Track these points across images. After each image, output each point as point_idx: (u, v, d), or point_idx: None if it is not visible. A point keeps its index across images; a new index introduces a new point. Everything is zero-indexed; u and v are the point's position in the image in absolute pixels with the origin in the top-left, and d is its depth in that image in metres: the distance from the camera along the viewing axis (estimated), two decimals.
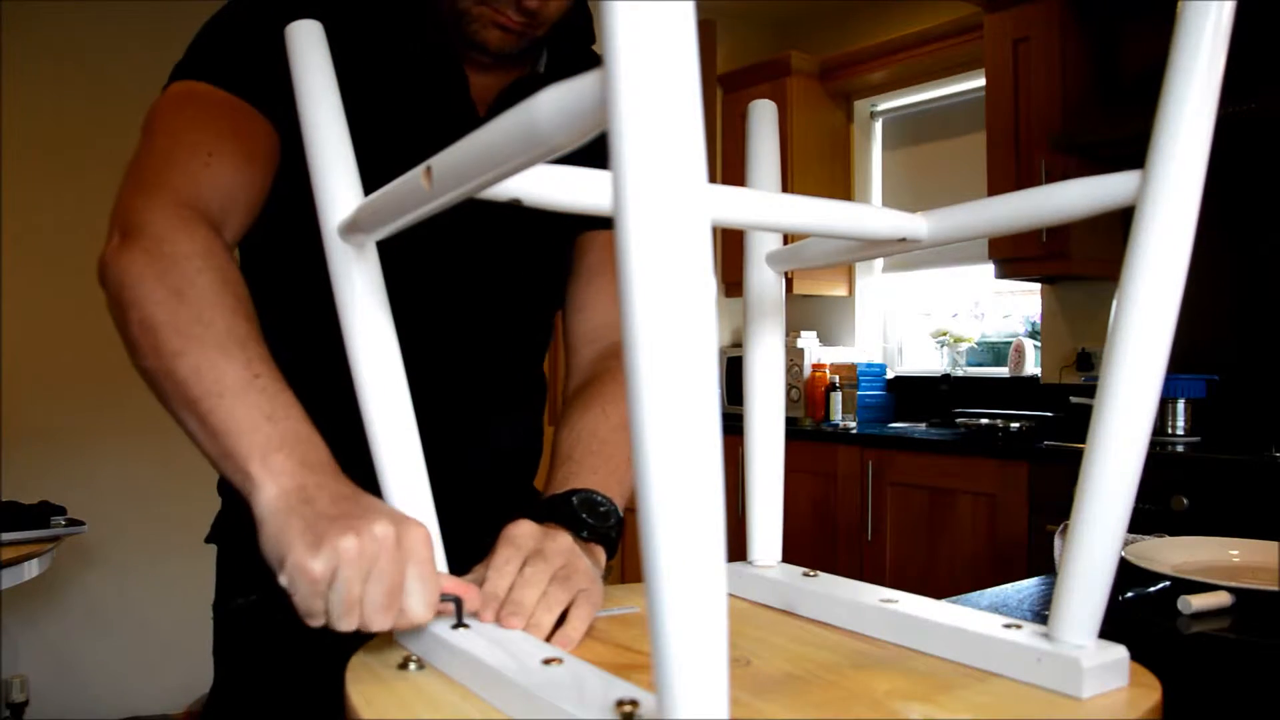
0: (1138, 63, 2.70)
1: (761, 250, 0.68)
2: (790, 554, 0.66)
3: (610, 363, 0.87)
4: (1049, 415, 2.78)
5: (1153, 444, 1.27)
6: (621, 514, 0.74)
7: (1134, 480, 0.48)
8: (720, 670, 0.33)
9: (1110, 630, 0.50)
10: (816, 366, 3.37)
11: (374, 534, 0.53)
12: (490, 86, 0.87)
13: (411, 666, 0.53)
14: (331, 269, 0.60)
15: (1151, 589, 1.00)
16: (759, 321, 0.68)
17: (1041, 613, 0.96)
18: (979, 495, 2.59)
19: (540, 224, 0.74)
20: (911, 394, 3.44)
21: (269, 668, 0.87)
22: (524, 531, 0.64)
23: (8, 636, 2.74)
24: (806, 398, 3.35)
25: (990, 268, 2.91)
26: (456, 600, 0.56)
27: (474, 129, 0.84)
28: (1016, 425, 2.71)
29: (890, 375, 3.52)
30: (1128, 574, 1.01)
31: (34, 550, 1.85)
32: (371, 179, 0.65)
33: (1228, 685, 0.82)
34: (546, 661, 0.49)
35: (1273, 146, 2.48)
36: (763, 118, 0.67)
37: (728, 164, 3.62)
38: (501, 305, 0.92)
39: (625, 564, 3.44)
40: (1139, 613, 0.95)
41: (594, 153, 0.39)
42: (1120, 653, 0.49)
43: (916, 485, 2.75)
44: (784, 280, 0.69)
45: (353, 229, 0.58)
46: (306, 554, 0.52)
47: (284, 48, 0.77)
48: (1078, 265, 2.70)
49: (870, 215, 0.56)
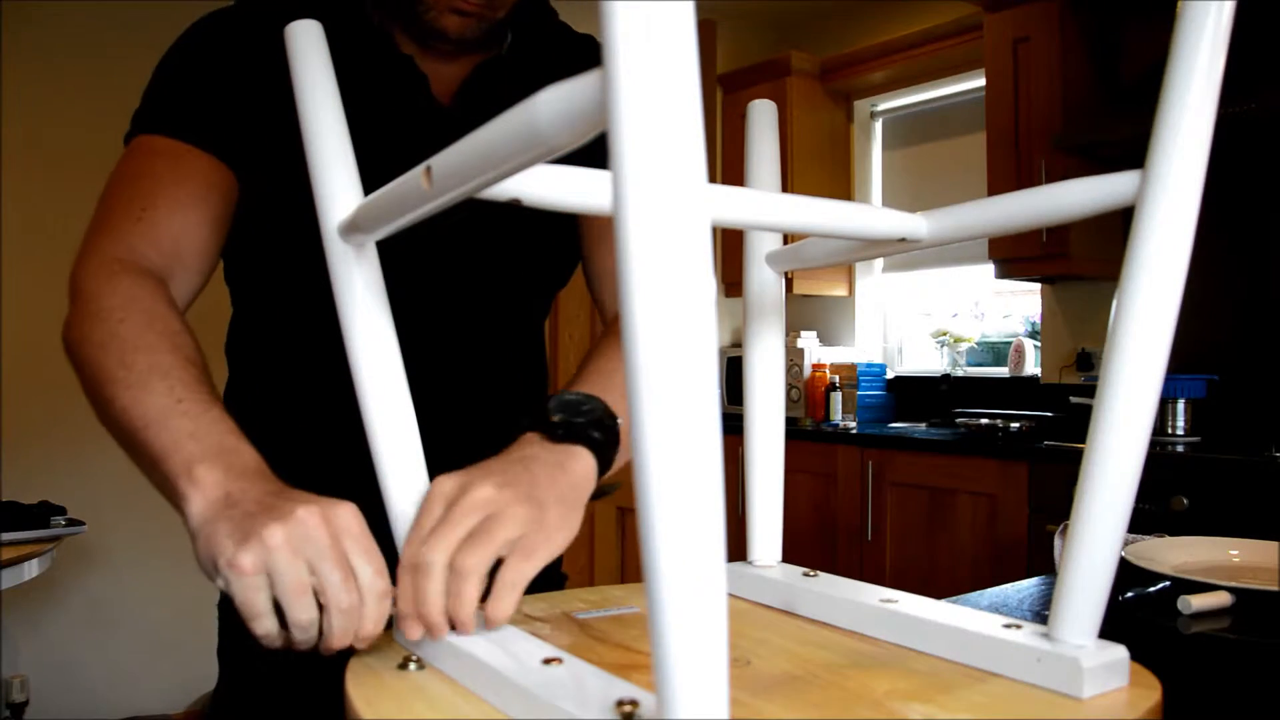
0: (1138, 63, 2.70)
1: (761, 250, 0.68)
2: (790, 554, 0.66)
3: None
4: (1049, 415, 2.78)
5: (1153, 444, 1.27)
6: (616, 420, 0.68)
7: (1134, 480, 0.48)
8: (720, 670, 0.33)
9: (1110, 630, 0.50)
10: (816, 366, 3.37)
11: (298, 517, 0.52)
12: (455, 75, 0.86)
13: (411, 666, 0.53)
14: (331, 269, 0.60)
15: (1151, 589, 1.00)
16: (759, 321, 0.68)
17: (1041, 613, 0.96)
18: (979, 495, 2.59)
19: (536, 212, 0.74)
20: (911, 394, 3.44)
21: (273, 666, 0.85)
22: (435, 491, 0.58)
23: (8, 636, 2.74)
24: (806, 398, 3.35)
25: (990, 268, 2.91)
26: None
27: (441, 121, 0.84)
28: (1016, 425, 2.71)
29: (890, 375, 3.52)
30: (1128, 574, 1.01)
31: (34, 550, 1.85)
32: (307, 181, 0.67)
33: (1228, 685, 0.82)
34: (546, 661, 0.49)
35: (1273, 146, 2.48)
36: (763, 118, 0.67)
37: (728, 164, 3.62)
38: (499, 297, 0.92)
39: (625, 564, 3.45)
40: (1139, 613, 0.95)
41: (593, 153, 0.39)
42: (1120, 653, 0.49)
43: (916, 485, 2.75)
44: (784, 280, 0.69)
45: (352, 229, 0.58)
46: (234, 550, 0.51)
47: (231, 80, 0.82)
48: (1078, 265, 2.70)
49: (870, 215, 0.56)
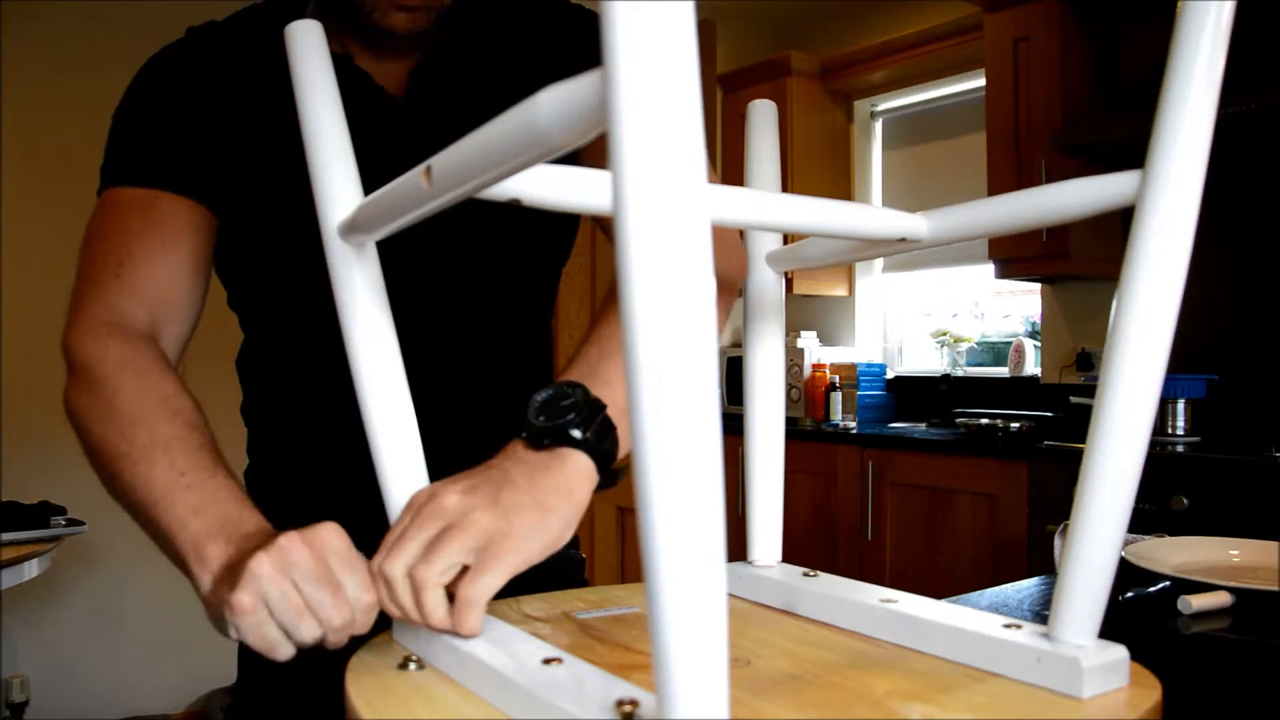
0: (1138, 63, 2.70)
1: (761, 250, 0.68)
2: (790, 554, 0.66)
3: None
4: (1049, 415, 2.78)
5: (1153, 444, 1.27)
6: (601, 408, 0.64)
7: (1134, 480, 0.48)
8: (720, 670, 0.33)
9: (1110, 630, 0.50)
10: (816, 366, 3.37)
11: (279, 545, 0.54)
12: (400, 67, 0.84)
13: (411, 666, 0.53)
14: (331, 269, 0.60)
15: (1151, 589, 1.00)
16: (759, 321, 0.68)
17: (1041, 613, 0.96)
18: (979, 495, 2.59)
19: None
20: (911, 394, 3.44)
21: (290, 667, 0.86)
22: (409, 501, 0.58)
23: (8, 636, 2.74)
24: (806, 398, 3.35)
25: (990, 268, 2.91)
26: None
27: (395, 115, 0.84)
28: (1016, 425, 2.71)
29: (890, 375, 3.52)
30: (1128, 574, 1.01)
31: (34, 550, 1.85)
32: (303, 198, 0.64)
33: (1228, 685, 0.82)
34: (546, 661, 0.49)
35: (1273, 146, 2.48)
36: (762, 118, 0.67)
37: (728, 164, 3.62)
38: (495, 288, 0.90)
39: (625, 564, 3.45)
40: (1139, 613, 0.95)
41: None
42: (1120, 653, 0.49)
43: (916, 485, 2.75)
44: (784, 280, 0.69)
45: (352, 229, 0.58)
46: (230, 594, 0.54)
47: (188, 115, 0.82)
48: (1078, 265, 2.70)
49: (870, 215, 0.56)
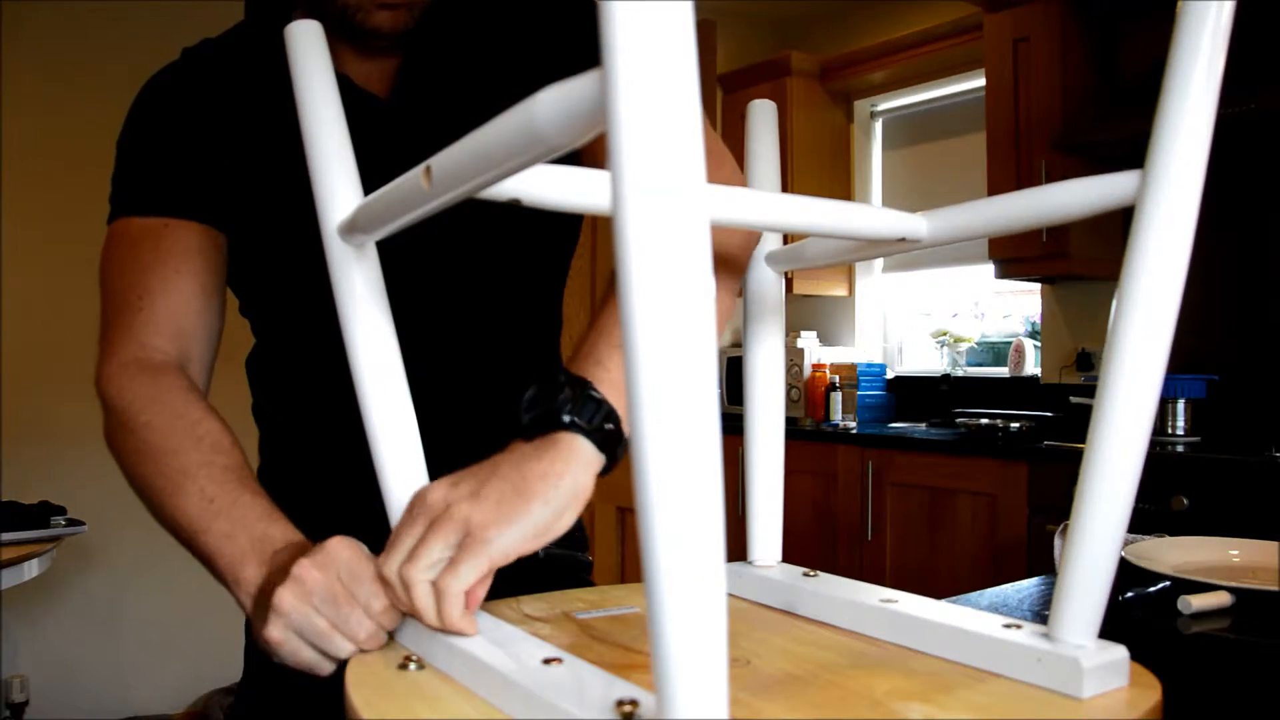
0: (1138, 63, 2.70)
1: (761, 250, 0.68)
2: (790, 554, 0.66)
3: None
4: (1049, 415, 2.78)
5: (1153, 444, 1.27)
6: (588, 387, 0.60)
7: (1134, 480, 0.48)
8: (720, 670, 0.33)
9: (1110, 630, 0.50)
10: (816, 366, 3.37)
11: (294, 576, 0.57)
12: (387, 67, 0.84)
13: (411, 666, 0.53)
14: (332, 269, 0.60)
15: (1151, 589, 1.00)
16: (759, 321, 0.68)
17: (1041, 613, 0.96)
18: (979, 495, 2.59)
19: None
20: (911, 394, 3.44)
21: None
22: (409, 502, 0.59)
23: (8, 636, 2.74)
24: (806, 398, 3.35)
25: (990, 268, 2.91)
26: None
27: (380, 117, 0.83)
28: (1016, 425, 2.71)
29: (890, 375, 3.52)
30: (1128, 574, 1.01)
31: (34, 550, 1.85)
32: (289, 199, 0.68)
33: (1228, 685, 0.82)
34: (546, 661, 0.49)
35: (1273, 146, 2.48)
36: (763, 118, 0.67)
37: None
38: (500, 296, 0.89)
39: (625, 564, 3.44)
40: (1139, 613, 0.95)
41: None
42: (1120, 653, 0.49)
43: (916, 485, 2.75)
44: (784, 280, 0.69)
45: (352, 229, 0.58)
46: (262, 629, 0.58)
47: (190, 138, 0.83)
48: (1078, 265, 2.70)
49: (870, 215, 0.56)
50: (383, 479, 0.60)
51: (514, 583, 0.63)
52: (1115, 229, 2.66)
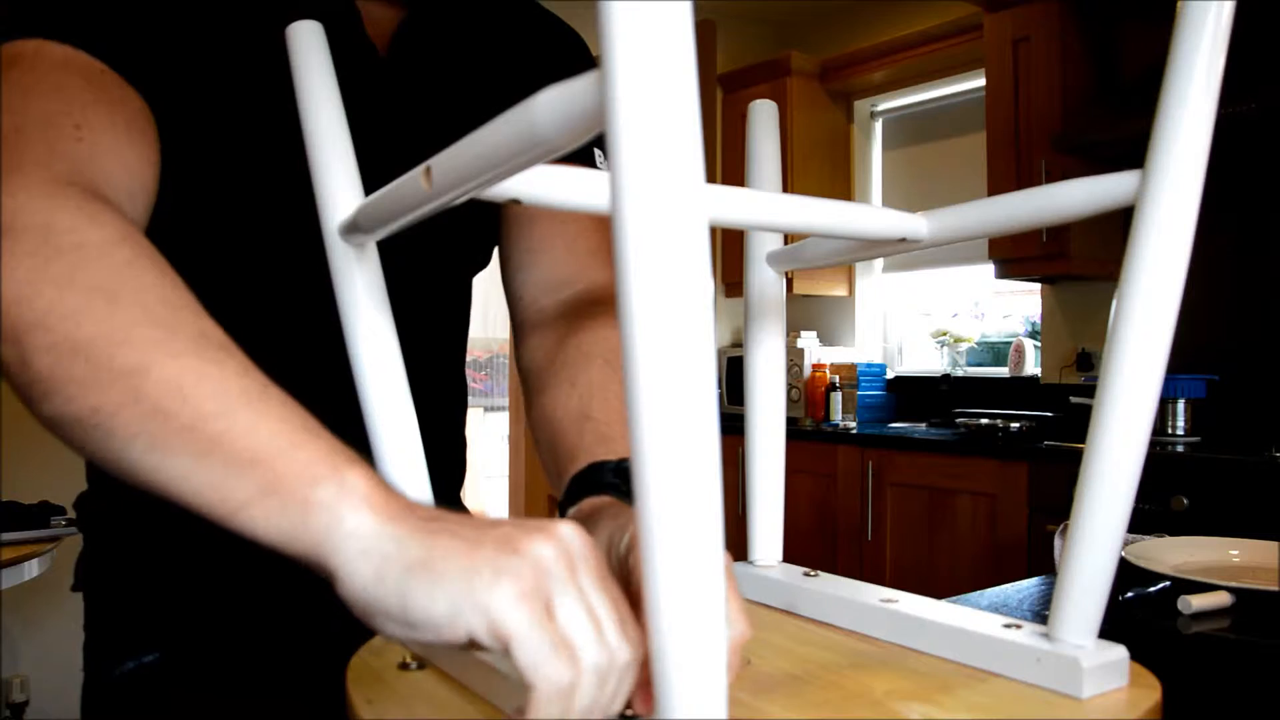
0: (1138, 63, 2.70)
1: (762, 250, 0.68)
2: (790, 554, 0.66)
3: (593, 310, 0.75)
4: (1049, 415, 2.78)
5: (1153, 444, 1.27)
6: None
7: (1134, 480, 0.48)
8: (719, 670, 0.33)
9: (1110, 630, 0.50)
10: (816, 366, 3.37)
11: (562, 535, 0.39)
12: (388, 20, 0.77)
13: (412, 666, 0.53)
14: (332, 269, 0.60)
15: (1151, 589, 1.00)
16: (759, 321, 0.68)
17: (1041, 613, 0.96)
18: (979, 495, 2.59)
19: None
20: (911, 394, 3.44)
21: (294, 661, 0.72)
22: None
23: (8, 636, 2.74)
24: (806, 398, 3.35)
25: (990, 268, 2.91)
26: None
27: (375, 69, 0.78)
28: (1016, 425, 2.71)
29: (890, 375, 3.53)
30: (1128, 574, 1.01)
31: (34, 550, 1.85)
32: (274, 131, 0.59)
33: (1228, 685, 0.82)
34: None
35: (1273, 146, 2.48)
36: (763, 118, 0.67)
37: (728, 164, 3.62)
38: (422, 291, 0.81)
39: None
40: (1139, 613, 0.95)
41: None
42: (1120, 653, 0.49)
43: (916, 485, 2.75)
44: (784, 280, 0.69)
45: (353, 229, 0.58)
46: (489, 588, 0.37)
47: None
48: (1078, 265, 2.70)
49: (870, 215, 0.56)
50: (383, 478, 0.60)
51: None
52: (1115, 229, 2.66)
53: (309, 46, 0.63)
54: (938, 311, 3.53)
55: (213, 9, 0.67)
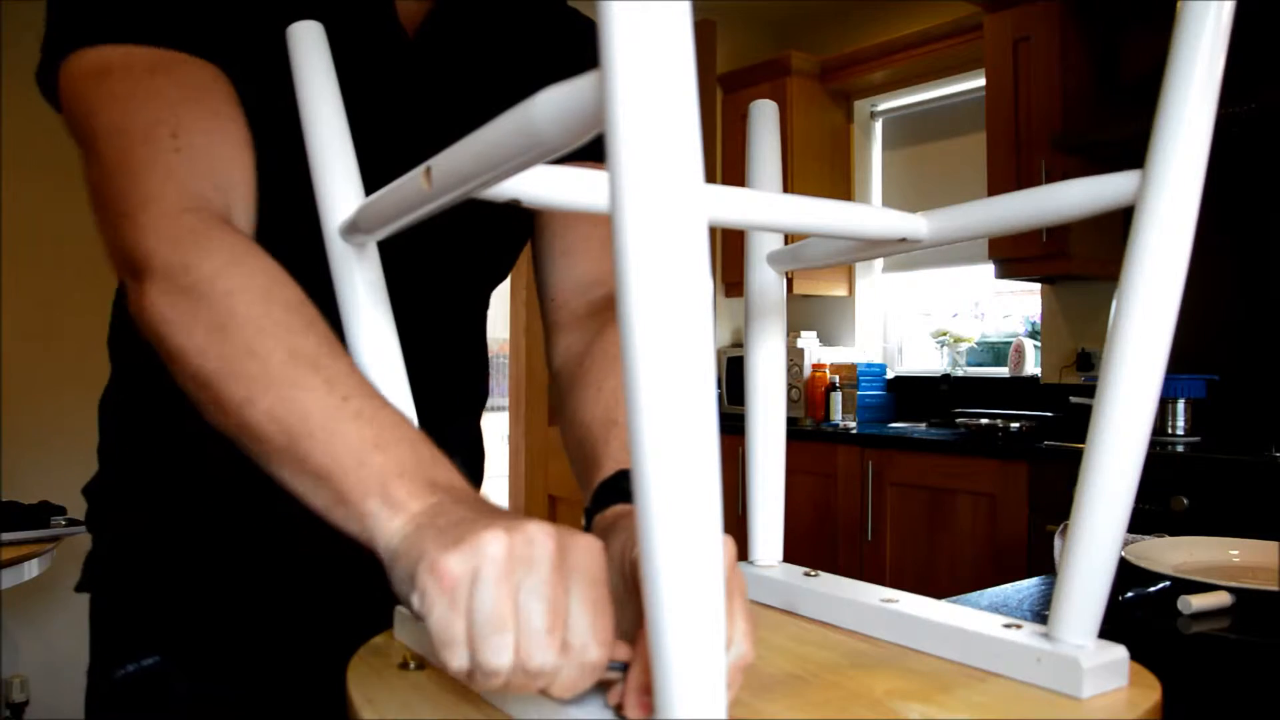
0: (1138, 63, 2.70)
1: (762, 250, 0.68)
2: (790, 554, 0.66)
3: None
4: (1049, 415, 2.78)
5: (1153, 444, 1.27)
6: None
7: (1134, 480, 0.48)
8: (719, 671, 0.33)
9: (1110, 630, 0.50)
10: (816, 366, 3.37)
11: (528, 535, 0.41)
12: (419, 6, 0.77)
13: (412, 666, 0.53)
14: (333, 269, 0.60)
15: (1151, 589, 1.00)
16: (760, 321, 0.68)
17: (1041, 613, 0.96)
18: (979, 495, 2.59)
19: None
20: (911, 394, 3.44)
21: (294, 660, 0.75)
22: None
23: (8, 636, 2.74)
24: (806, 398, 3.35)
25: (990, 268, 2.91)
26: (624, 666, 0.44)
27: (403, 54, 0.78)
28: (1016, 425, 2.71)
29: (890, 375, 3.52)
30: (1128, 574, 1.01)
31: (34, 550, 1.85)
32: (296, 111, 0.61)
33: (1228, 685, 0.82)
34: None
35: (1273, 146, 2.48)
36: (763, 118, 0.67)
37: (728, 164, 3.62)
38: (444, 294, 0.84)
39: None
40: (1139, 613, 0.95)
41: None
42: (1120, 653, 0.49)
43: (916, 485, 2.75)
44: (784, 280, 0.69)
45: (353, 229, 0.58)
46: (441, 553, 0.41)
47: None
48: (1078, 265, 2.70)
49: (870, 215, 0.56)
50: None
51: None
52: (1115, 229, 2.66)
53: (309, 46, 0.63)
54: (938, 311, 3.53)
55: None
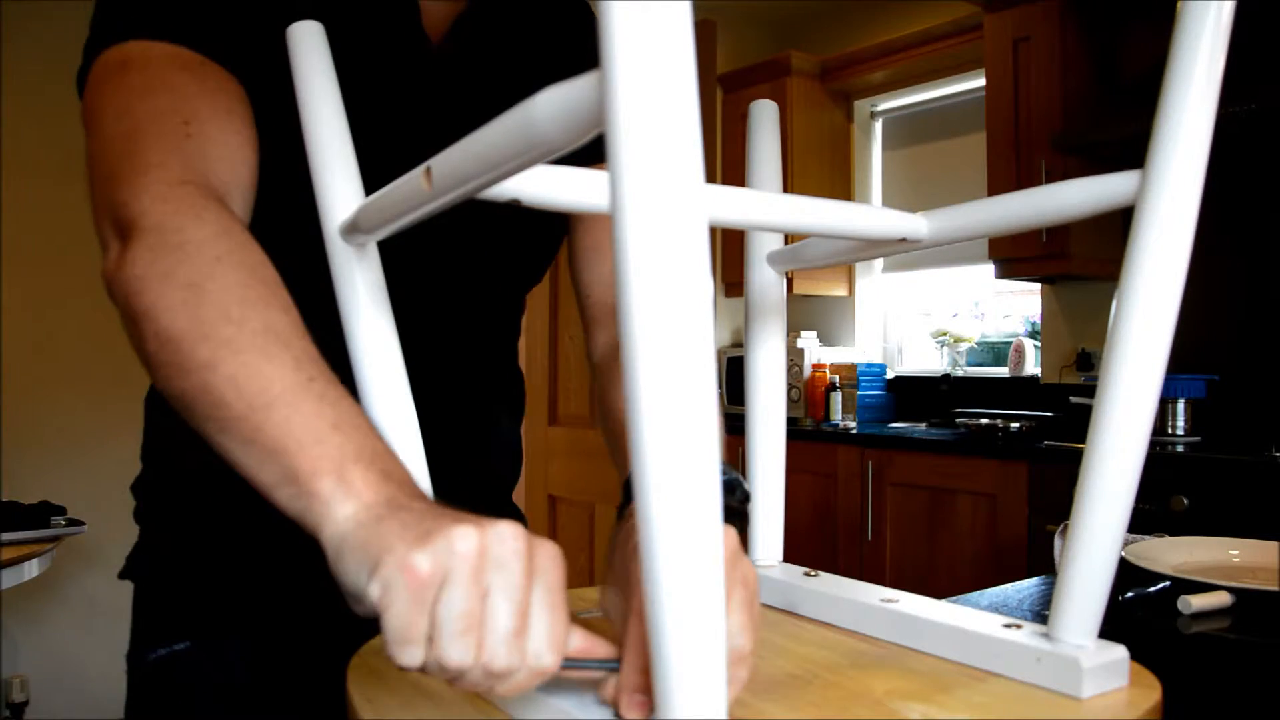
0: (1138, 63, 2.70)
1: (762, 250, 0.68)
2: (790, 554, 0.66)
3: None
4: (1049, 415, 2.78)
5: (1153, 444, 1.27)
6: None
7: (1134, 480, 0.48)
8: (719, 670, 0.33)
9: (1110, 630, 0.50)
10: (816, 366, 3.37)
11: (500, 534, 0.41)
12: (445, 13, 0.78)
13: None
14: (333, 269, 0.60)
15: (1151, 589, 1.00)
16: (760, 321, 0.68)
17: (1041, 613, 0.96)
18: (979, 495, 2.59)
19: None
20: (911, 394, 3.44)
21: (295, 659, 0.77)
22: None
23: (8, 636, 2.74)
24: (806, 398, 3.35)
25: (990, 268, 2.91)
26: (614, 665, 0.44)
27: (427, 60, 0.79)
28: (1016, 425, 2.71)
29: (890, 375, 3.52)
30: (1128, 574, 1.01)
31: (34, 550, 1.85)
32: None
33: (1228, 685, 0.82)
34: None
35: (1273, 146, 2.48)
36: (764, 118, 0.68)
37: (728, 164, 3.62)
38: (477, 296, 0.85)
39: None
40: (1139, 613, 0.95)
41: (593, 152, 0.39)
42: (1120, 653, 0.49)
43: (916, 485, 2.75)
44: (784, 280, 0.69)
45: (353, 230, 0.58)
46: (411, 549, 0.40)
47: None
48: (1078, 265, 2.70)
49: (870, 215, 0.56)
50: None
51: None
52: (1115, 229, 2.65)
53: (309, 47, 0.63)
54: (938, 311, 3.53)
55: (284, 2, 0.69)
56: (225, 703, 0.76)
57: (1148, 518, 2.13)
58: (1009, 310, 3.37)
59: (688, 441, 0.32)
